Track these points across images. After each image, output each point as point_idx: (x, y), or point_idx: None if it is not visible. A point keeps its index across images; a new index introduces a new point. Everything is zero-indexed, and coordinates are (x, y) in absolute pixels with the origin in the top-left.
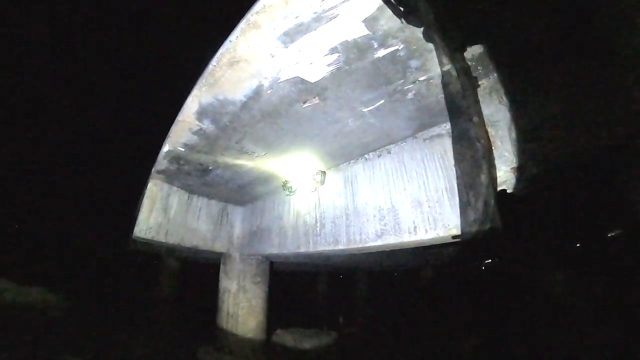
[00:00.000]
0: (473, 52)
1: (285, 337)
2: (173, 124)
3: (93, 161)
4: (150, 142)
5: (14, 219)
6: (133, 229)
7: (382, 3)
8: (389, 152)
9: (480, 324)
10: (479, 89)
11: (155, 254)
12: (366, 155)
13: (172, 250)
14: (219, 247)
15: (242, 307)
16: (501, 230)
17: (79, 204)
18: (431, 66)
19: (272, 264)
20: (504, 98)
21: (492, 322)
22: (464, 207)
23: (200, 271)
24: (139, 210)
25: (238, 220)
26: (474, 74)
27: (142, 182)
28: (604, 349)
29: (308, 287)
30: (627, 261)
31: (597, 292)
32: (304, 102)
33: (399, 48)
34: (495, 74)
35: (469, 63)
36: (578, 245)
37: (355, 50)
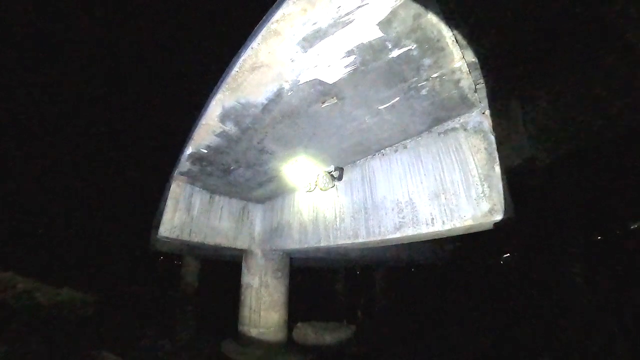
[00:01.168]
0: (486, 45)
1: (306, 330)
2: (197, 127)
3: (119, 164)
4: (174, 145)
5: (43, 222)
6: (158, 229)
7: (395, 7)
8: (405, 147)
9: (497, 319)
10: (491, 83)
11: (178, 253)
12: (383, 151)
13: (195, 249)
14: (240, 244)
15: (264, 301)
16: (516, 222)
17: (106, 206)
18: (443, 63)
19: (291, 260)
20: (518, 90)
21: (509, 317)
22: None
23: (221, 269)
24: (163, 211)
25: (258, 217)
26: (486, 68)
27: (166, 183)
28: (622, 345)
29: (327, 283)
30: None
31: (617, 286)
32: (323, 103)
33: (412, 48)
34: (508, 67)
35: (481, 57)
36: (599, 237)
37: (371, 51)
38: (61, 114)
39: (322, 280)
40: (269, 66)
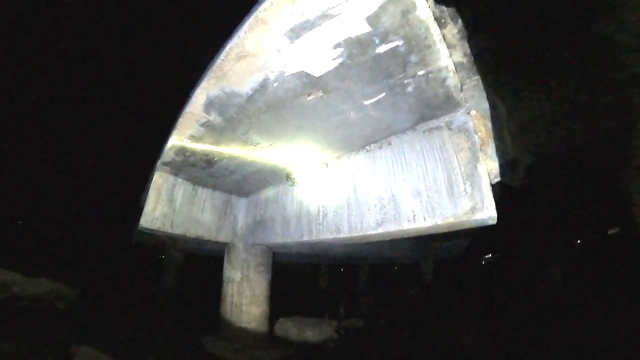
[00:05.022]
0: (472, 46)
1: (288, 325)
2: (180, 116)
3: (100, 153)
4: (157, 134)
5: (21, 212)
6: (139, 220)
7: (384, 2)
8: (390, 144)
9: (479, 317)
10: (477, 83)
11: (160, 246)
12: (367, 147)
13: (177, 241)
14: (223, 237)
15: (246, 296)
16: (498, 222)
17: (86, 195)
18: (430, 61)
19: (274, 255)
20: (502, 92)
21: (490, 315)
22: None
23: (204, 263)
24: (144, 202)
25: (242, 210)
26: (472, 68)
27: (148, 174)
28: (600, 344)
29: (310, 279)
30: (626, 257)
31: (595, 287)
32: (308, 95)
33: (399, 44)
34: (493, 69)
35: (468, 57)
36: (578, 241)
37: (358, 45)
38: (43, 101)
39: (306, 276)
40: (255, 56)
